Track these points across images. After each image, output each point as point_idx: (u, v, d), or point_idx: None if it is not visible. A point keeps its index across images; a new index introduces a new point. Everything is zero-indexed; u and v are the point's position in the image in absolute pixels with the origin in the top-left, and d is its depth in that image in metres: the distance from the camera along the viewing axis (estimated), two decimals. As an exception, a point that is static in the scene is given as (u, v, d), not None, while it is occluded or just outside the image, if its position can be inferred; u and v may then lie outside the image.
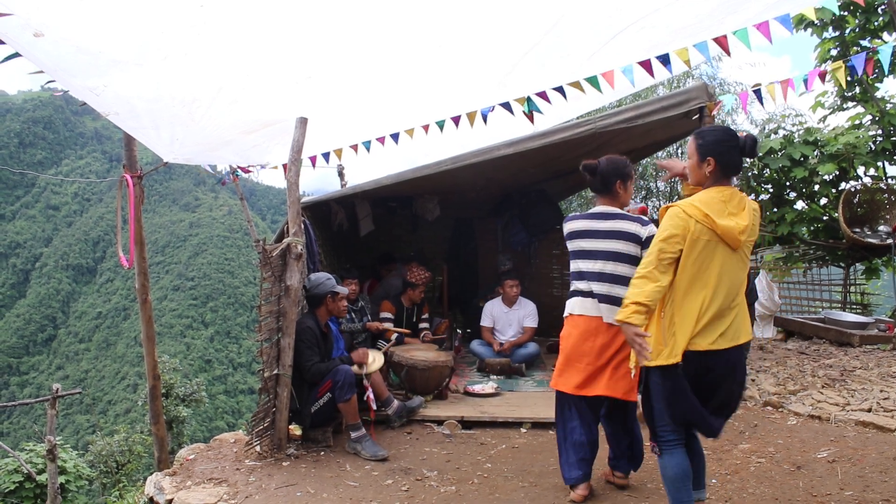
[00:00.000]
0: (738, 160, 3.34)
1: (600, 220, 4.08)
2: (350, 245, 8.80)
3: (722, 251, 3.23)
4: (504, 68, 5.23)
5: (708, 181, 3.34)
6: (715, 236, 3.20)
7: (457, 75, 5.38)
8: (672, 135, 8.25)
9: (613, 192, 4.13)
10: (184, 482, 4.80)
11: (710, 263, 3.23)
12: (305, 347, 5.34)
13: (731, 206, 3.26)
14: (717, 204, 3.24)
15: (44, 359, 67.32)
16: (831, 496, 4.04)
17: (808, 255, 11.81)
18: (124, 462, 14.56)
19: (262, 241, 5.13)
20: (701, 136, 3.38)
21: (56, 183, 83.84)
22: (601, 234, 4.05)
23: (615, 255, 3.99)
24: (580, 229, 4.12)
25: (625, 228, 4.01)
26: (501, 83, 5.52)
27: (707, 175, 3.33)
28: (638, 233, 3.99)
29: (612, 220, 4.05)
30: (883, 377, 6.59)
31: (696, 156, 3.36)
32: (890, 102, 10.91)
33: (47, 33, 3.73)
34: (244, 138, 5.93)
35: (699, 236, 3.20)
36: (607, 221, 4.06)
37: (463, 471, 4.84)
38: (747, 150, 3.30)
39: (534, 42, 4.79)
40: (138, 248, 5.89)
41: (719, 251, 3.23)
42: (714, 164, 3.30)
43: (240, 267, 74.10)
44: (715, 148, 3.31)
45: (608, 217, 4.08)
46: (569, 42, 4.87)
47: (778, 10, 4.41)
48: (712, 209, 3.21)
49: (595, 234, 4.06)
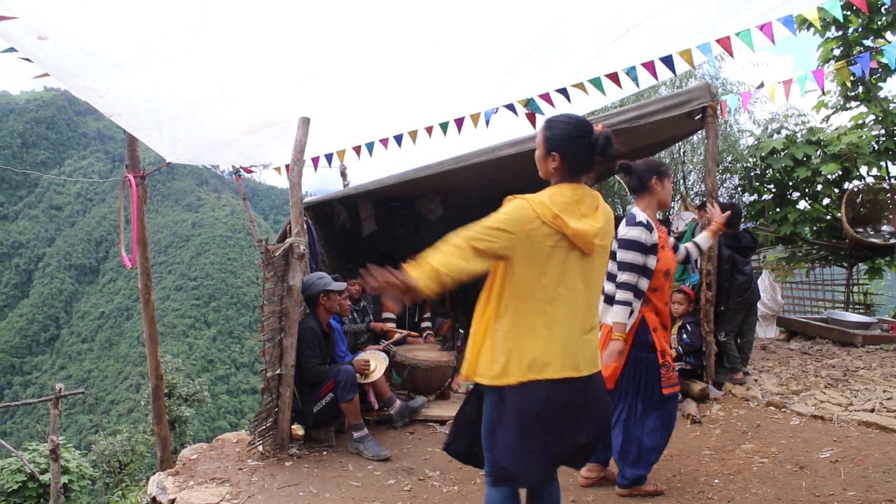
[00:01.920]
0: (587, 158, 2.85)
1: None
2: (352, 245, 8.80)
3: (574, 257, 2.74)
4: (506, 69, 5.24)
5: (554, 177, 2.89)
6: (565, 240, 2.71)
7: (459, 76, 5.38)
8: (675, 134, 8.26)
9: (650, 189, 4.06)
10: (186, 482, 4.81)
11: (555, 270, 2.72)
12: (307, 348, 5.34)
13: (583, 206, 2.81)
14: (568, 204, 2.76)
15: (46, 358, 67.52)
16: (834, 496, 4.03)
17: (811, 255, 11.80)
18: (127, 462, 14.60)
19: (264, 241, 5.13)
20: (549, 127, 2.91)
21: (59, 183, 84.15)
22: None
23: (612, 253, 3.93)
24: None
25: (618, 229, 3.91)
26: (503, 84, 5.53)
27: (552, 171, 2.88)
28: (619, 230, 3.91)
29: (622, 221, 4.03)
30: (886, 377, 6.58)
31: (542, 148, 2.90)
32: (893, 102, 10.89)
33: (50, 35, 3.75)
34: (246, 138, 5.94)
35: (542, 240, 2.68)
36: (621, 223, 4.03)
37: (465, 471, 4.84)
38: (598, 148, 2.82)
39: (536, 42, 4.80)
40: (141, 248, 5.90)
41: (571, 257, 2.74)
42: (559, 161, 2.83)
43: (242, 267, 74.23)
44: (561, 143, 2.83)
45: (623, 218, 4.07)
46: (571, 43, 4.88)
47: (781, 11, 4.42)
48: (564, 209, 2.73)
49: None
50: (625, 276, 3.86)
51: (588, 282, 2.81)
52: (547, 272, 2.71)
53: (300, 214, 5.37)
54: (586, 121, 2.92)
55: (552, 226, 2.68)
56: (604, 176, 11.69)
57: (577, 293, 2.77)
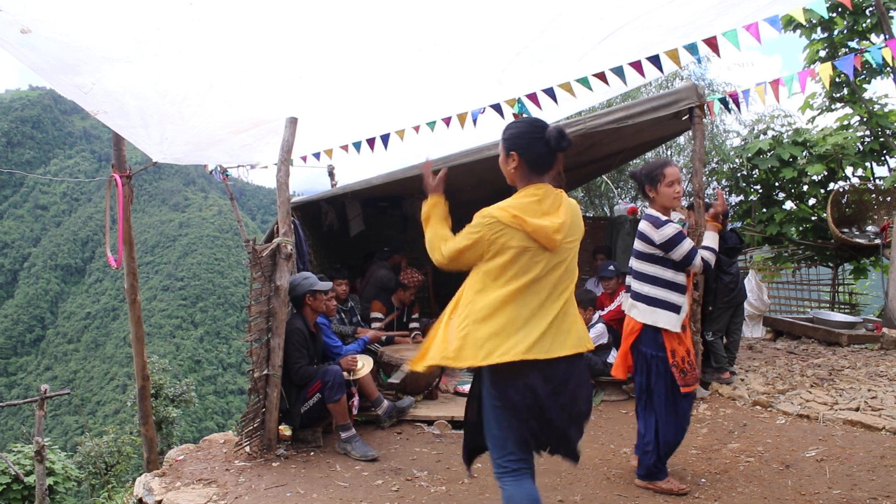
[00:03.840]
0: (544, 154, 2.93)
1: (641, 221, 4.23)
2: (340, 245, 8.79)
3: (539, 254, 2.84)
4: (495, 70, 5.24)
5: (517, 180, 3.00)
6: (529, 239, 2.81)
7: (447, 76, 5.38)
8: (662, 135, 8.29)
9: (648, 196, 4.25)
10: (173, 483, 4.78)
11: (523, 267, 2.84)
12: (294, 349, 5.33)
13: (544, 205, 2.89)
14: (531, 204, 2.87)
15: (32, 359, 67.03)
16: (819, 495, 4.06)
17: (797, 255, 11.88)
18: (113, 463, 14.53)
19: (251, 241, 5.12)
20: (505, 130, 3.05)
21: (45, 182, 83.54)
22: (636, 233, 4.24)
23: (637, 252, 4.22)
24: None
25: (642, 228, 4.14)
26: (492, 84, 5.53)
27: (513, 172, 2.99)
28: (649, 234, 4.10)
29: (642, 220, 4.20)
30: (870, 376, 6.62)
31: (502, 152, 3.01)
32: (878, 104, 10.98)
33: (34, 29, 3.70)
34: (234, 138, 5.91)
35: (508, 242, 2.81)
36: (641, 222, 4.22)
37: (453, 471, 4.84)
38: (553, 142, 2.88)
39: (524, 44, 4.80)
40: (127, 248, 5.86)
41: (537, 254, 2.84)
42: (518, 160, 2.95)
43: (229, 267, 73.97)
44: (517, 141, 2.96)
45: (644, 217, 4.22)
46: (560, 43, 4.89)
47: (767, 11, 4.44)
48: (524, 210, 2.84)
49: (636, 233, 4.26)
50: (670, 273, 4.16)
51: (556, 276, 2.90)
52: (514, 269, 2.83)
53: (287, 214, 5.35)
54: (540, 119, 3.07)
55: (514, 226, 2.80)
56: (589, 177, 11.75)
57: (546, 284, 2.87)
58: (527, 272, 2.83)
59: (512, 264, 2.82)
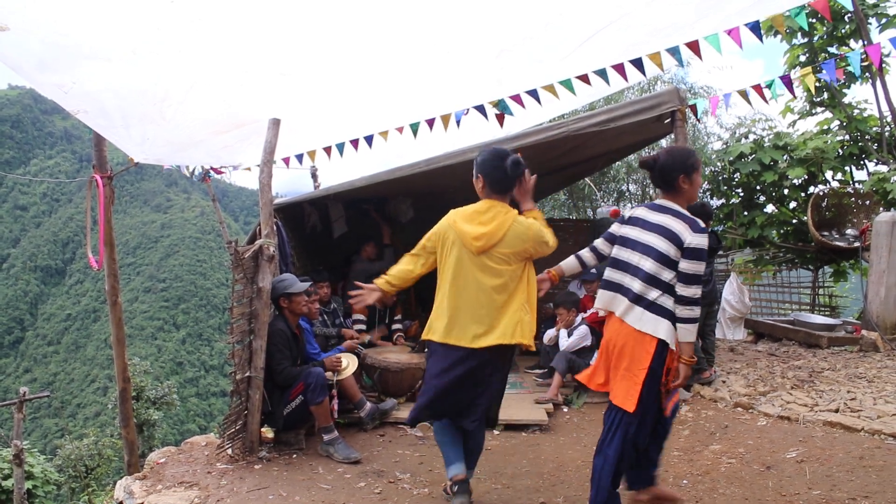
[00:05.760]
0: (502, 178, 3.79)
1: (655, 212, 3.61)
2: (322, 247, 8.75)
3: (466, 256, 3.73)
4: (478, 71, 5.25)
5: (482, 196, 3.85)
6: (458, 239, 3.74)
7: (431, 77, 5.38)
8: (645, 138, 8.33)
9: (676, 188, 3.61)
10: (154, 486, 4.74)
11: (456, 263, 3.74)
12: (276, 350, 5.29)
13: (483, 216, 3.75)
14: (472, 214, 3.78)
15: (11, 361, 66.26)
16: (800, 496, 4.09)
17: (778, 258, 11.97)
18: (94, 466, 14.41)
19: (234, 242, 5.09)
20: (478, 156, 3.89)
21: (24, 183, 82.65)
22: (649, 225, 3.58)
23: (648, 248, 3.51)
24: (634, 216, 3.69)
25: (671, 226, 3.48)
26: (476, 85, 5.54)
27: (480, 189, 3.86)
28: (681, 234, 3.43)
29: (665, 215, 3.56)
30: (850, 378, 6.68)
31: (474, 173, 3.87)
32: (857, 108, 11.09)
33: (13, 27, 3.67)
34: (215, 139, 5.88)
35: (448, 236, 3.78)
36: (660, 214, 3.58)
37: (436, 473, 4.83)
38: (509, 170, 3.76)
39: (509, 45, 4.81)
40: (108, 249, 5.82)
41: (465, 256, 3.73)
42: (483, 181, 3.82)
43: (212, 269, 73.54)
44: (483, 167, 3.82)
45: (664, 210, 3.59)
46: (542, 44, 4.90)
47: (747, 16, 4.48)
48: (464, 217, 3.78)
49: (644, 224, 3.60)
50: (693, 289, 3.44)
51: (483, 276, 3.72)
52: (450, 264, 3.76)
53: (270, 216, 5.32)
54: (504, 150, 3.90)
55: (451, 226, 3.78)
56: (572, 180, 11.79)
57: (472, 283, 3.72)
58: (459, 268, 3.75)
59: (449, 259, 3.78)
